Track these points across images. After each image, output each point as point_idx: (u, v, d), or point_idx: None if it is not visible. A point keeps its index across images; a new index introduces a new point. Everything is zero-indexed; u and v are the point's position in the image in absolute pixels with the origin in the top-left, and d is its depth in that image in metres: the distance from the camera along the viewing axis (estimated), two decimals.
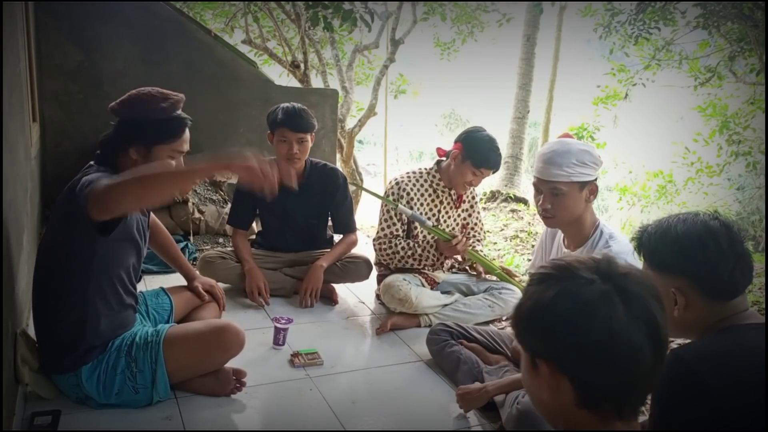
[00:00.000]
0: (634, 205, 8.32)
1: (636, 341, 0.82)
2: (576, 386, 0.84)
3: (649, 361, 0.84)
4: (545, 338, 0.86)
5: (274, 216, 3.09)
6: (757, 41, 4.64)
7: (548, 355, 0.86)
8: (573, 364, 0.84)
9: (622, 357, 0.82)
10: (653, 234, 1.31)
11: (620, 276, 0.86)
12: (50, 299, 1.86)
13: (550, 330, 0.85)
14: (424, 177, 2.93)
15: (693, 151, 7.07)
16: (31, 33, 3.26)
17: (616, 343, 0.81)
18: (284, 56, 6.65)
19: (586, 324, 0.82)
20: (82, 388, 1.88)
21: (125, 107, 1.94)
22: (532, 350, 0.90)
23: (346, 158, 6.29)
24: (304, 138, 2.86)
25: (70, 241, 1.83)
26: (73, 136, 4.16)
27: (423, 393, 2.24)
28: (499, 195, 8.10)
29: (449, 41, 8.60)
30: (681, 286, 1.26)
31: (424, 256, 2.88)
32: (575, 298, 0.84)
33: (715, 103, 6.70)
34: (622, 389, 0.84)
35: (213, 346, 1.99)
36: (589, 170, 1.98)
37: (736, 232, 1.25)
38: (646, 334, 0.83)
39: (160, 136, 1.94)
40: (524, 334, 0.91)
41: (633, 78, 6.62)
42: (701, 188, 7.37)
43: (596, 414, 0.86)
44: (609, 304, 0.82)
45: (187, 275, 2.51)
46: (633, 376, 0.83)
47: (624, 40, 5.90)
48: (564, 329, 0.84)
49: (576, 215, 2.04)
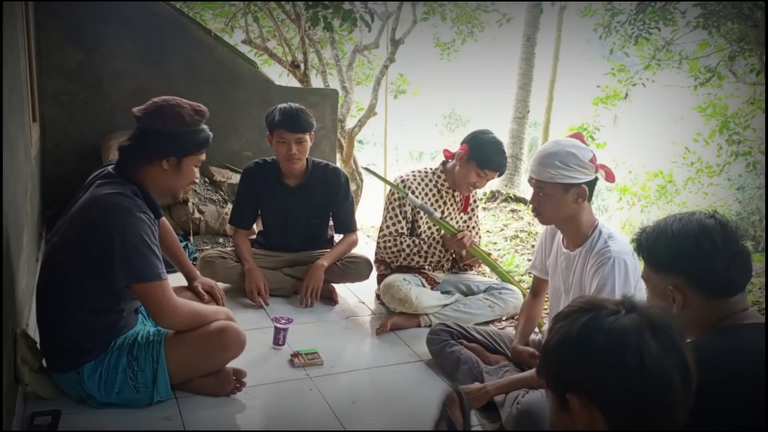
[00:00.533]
0: (634, 205, 8.31)
1: (666, 370, 0.82)
2: (609, 417, 0.83)
3: (680, 391, 0.83)
4: (576, 370, 0.85)
5: (276, 215, 3.09)
6: (757, 41, 4.64)
7: (579, 387, 0.85)
8: (606, 394, 0.82)
9: (654, 385, 0.81)
10: (651, 234, 1.33)
11: (644, 309, 0.86)
12: (55, 300, 1.87)
13: (581, 361, 0.84)
14: (429, 177, 2.93)
15: (693, 151, 7.06)
16: (31, 33, 3.26)
17: (647, 371, 0.81)
18: (284, 56, 6.65)
19: (617, 352, 0.82)
20: (83, 387, 1.88)
21: (154, 118, 1.92)
22: (562, 385, 0.87)
23: (346, 158, 6.29)
24: (303, 138, 2.86)
25: (82, 272, 1.83)
26: (73, 136, 4.16)
27: (423, 393, 2.24)
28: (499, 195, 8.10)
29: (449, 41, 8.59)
30: (678, 284, 1.27)
31: (430, 252, 2.88)
32: (604, 328, 0.84)
33: (715, 103, 6.69)
34: (655, 418, 0.83)
35: (214, 347, 1.99)
36: (573, 173, 1.95)
37: (732, 230, 1.26)
38: (674, 365, 0.83)
39: (192, 148, 1.98)
40: (553, 369, 0.89)
41: (633, 78, 6.62)
42: (701, 188, 7.36)
43: None
44: (638, 334, 0.82)
45: (188, 275, 2.52)
46: (665, 404, 0.82)
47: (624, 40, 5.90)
48: (595, 359, 0.83)
49: (564, 216, 2.04)
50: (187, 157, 1.97)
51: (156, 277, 1.82)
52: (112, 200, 1.81)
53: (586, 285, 2.00)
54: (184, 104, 1.96)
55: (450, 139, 15.42)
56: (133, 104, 2.04)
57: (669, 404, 0.83)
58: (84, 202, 1.86)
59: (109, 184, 1.88)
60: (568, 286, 2.11)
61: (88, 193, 1.88)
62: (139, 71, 4.24)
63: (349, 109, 6.30)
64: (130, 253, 1.77)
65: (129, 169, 1.94)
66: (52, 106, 4.08)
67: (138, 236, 1.79)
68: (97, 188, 1.87)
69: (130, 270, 1.79)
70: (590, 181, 2.00)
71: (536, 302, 2.42)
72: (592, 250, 1.99)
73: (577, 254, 2.05)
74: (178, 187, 2.06)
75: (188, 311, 1.96)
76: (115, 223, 1.77)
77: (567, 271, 2.11)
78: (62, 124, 4.14)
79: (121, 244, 1.76)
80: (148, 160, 1.93)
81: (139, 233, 1.79)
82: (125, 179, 1.91)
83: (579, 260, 2.04)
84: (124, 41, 4.18)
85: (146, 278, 1.81)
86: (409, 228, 2.93)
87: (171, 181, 1.99)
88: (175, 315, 1.91)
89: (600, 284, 1.91)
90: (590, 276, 1.97)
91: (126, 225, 1.78)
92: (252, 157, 4.09)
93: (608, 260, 1.91)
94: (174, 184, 2.02)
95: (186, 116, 1.93)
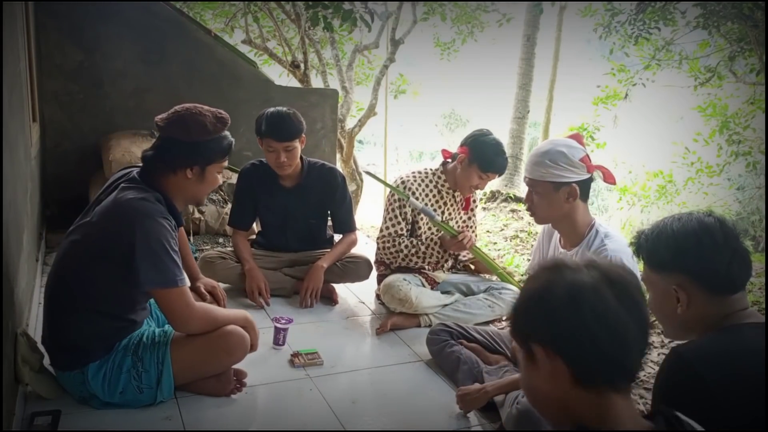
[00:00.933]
0: (634, 205, 8.31)
1: (622, 317, 0.88)
2: (571, 363, 0.88)
3: (636, 336, 0.89)
4: (538, 323, 0.92)
5: (274, 216, 3.09)
6: (757, 41, 4.64)
7: (543, 339, 0.91)
8: (566, 342, 0.89)
9: (611, 331, 0.87)
10: (650, 235, 1.34)
11: (605, 267, 0.93)
12: (67, 298, 1.87)
13: (542, 314, 0.91)
14: (429, 177, 2.93)
15: (693, 151, 7.06)
16: (31, 33, 3.26)
17: (604, 320, 0.87)
18: (284, 56, 6.65)
19: (574, 304, 0.88)
20: (87, 386, 1.88)
21: (177, 127, 1.92)
22: (527, 339, 0.94)
23: (346, 158, 6.29)
24: (291, 146, 2.84)
25: (100, 274, 1.84)
26: (73, 136, 4.16)
27: (423, 393, 2.24)
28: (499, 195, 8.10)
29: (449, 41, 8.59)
30: (681, 283, 1.27)
31: (428, 253, 2.88)
32: (564, 282, 0.90)
33: (715, 103, 6.69)
34: (613, 360, 0.88)
35: (218, 350, 1.99)
36: (561, 172, 1.96)
37: (731, 227, 1.28)
38: (629, 313, 0.88)
39: (216, 156, 1.99)
40: (520, 326, 0.96)
41: (633, 78, 6.61)
42: (701, 188, 7.36)
43: (592, 390, 0.89)
44: (595, 287, 0.89)
45: (191, 275, 2.53)
46: (622, 347, 0.88)
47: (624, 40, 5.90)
48: (555, 312, 0.90)
49: (557, 214, 2.05)
50: (210, 165, 1.98)
51: (174, 284, 1.83)
52: (136, 206, 1.82)
53: None
54: (205, 112, 1.96)
55: (450, 139, 15.41)
56: (133, 104, 2.04)
57: (628, 347, 0.89)
58: (108, 206, 1.86)
59: (133, 189, 1.88)
60: None
61: (113, 196, 1.88)
62: (139, 71, 4.24)
63: (349, 109, 6.30)
64: (151, 260, 1.79)
65: (152, 176, 1.94)
66: (52, 106, 4.08)
67: (159, 243, 1.80)
68: (121, 192, 1.87)
69: (149, 276, 1.80)
70: (582, 180, 2.00)
71: None
72: (589, 249, 2.00)
73: (574, 253, 2.06)
74: (201, 195, 2.07)
75: (206, 318, 1.96)
76: (138, 229, 1.78)
77: None
78: (62, 124, 4.13)
79: (143, 250, 1.77)
80: (172, 169, 1.94)
81: (161, 240, 1.80)
82: (149, 186, 1.91)
83: (576, 259, 2.04)
84: (124, 41, 4.18)
85: (166, 284, 1.83)
86: (410, 229, 2.93)
87: (195, 189, 2.01)
88: (193, 321, 1.92)
89: None
90: None
91: (149, 231, 1.79)
92: (252, 157, 4.09)
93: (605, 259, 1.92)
94: (198, 192, 2.04)
95: (209, 125, 1.93)
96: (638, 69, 6.60)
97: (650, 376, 2.62)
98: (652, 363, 3.25)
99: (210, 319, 1.97)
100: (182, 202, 2.03)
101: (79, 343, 1.88)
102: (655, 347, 3.49)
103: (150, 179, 1.94)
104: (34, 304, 2.60)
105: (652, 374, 2.51)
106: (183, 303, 1.87)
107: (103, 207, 1.87)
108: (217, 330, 1.99)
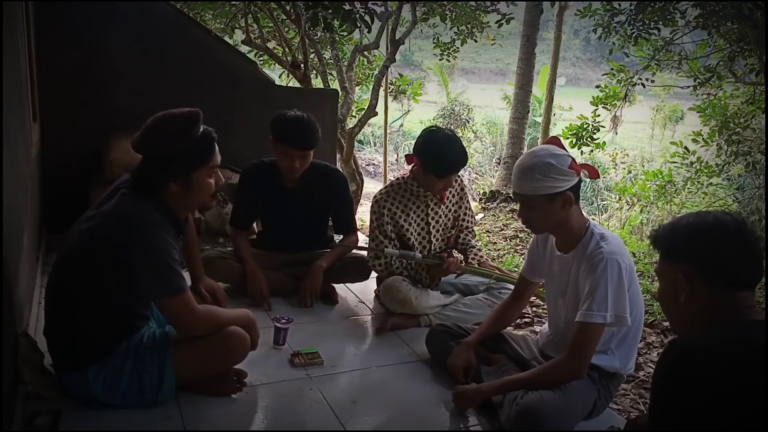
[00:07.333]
0: (634, 205, 8.31)
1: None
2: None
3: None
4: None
5: (275, 216, 3.09)
6: (757, 41, 4.64)
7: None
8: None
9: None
10: (668, 226, 1.39)
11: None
12: (72, 299, 1.87)
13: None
14: (402, 186, 2.87)
15: (693, 151, 7.05)
16: (31, 33, 3.26)
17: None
18: (284, 57, 6.65)
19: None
20: (88, 388, 1.88)
21: (149, 145, 1.86)
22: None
23: (346, 158, 6.28)
24: (307, 154, 2.88)
25: (103, 279, 1.83)
26: (73, 136, 4.15)
27: (423, 393, 2.24)
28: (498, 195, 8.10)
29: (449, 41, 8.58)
30: (687, 271, 1.30)
31: (417, 278, 2.87)
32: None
33: (715, 104, 6.68)
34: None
35: (219, 351, 2.00)
36: (554, 182, 1.95)
37: (749, 228, 1.31)
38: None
39: (196, 161, 1.91)
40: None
41: (633, 78, 6.61)
42: (701, 188, 7.35)
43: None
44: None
45: (194, 275, 2.54)
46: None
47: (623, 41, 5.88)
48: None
49: (554, 223, 2.05)
50: (194, 173, 1.91)
51: (176, 293, 1.83)
52: (135, 215, 1.81)
53: (581, 286, 2.00)
54: (170, 118, 1.87)
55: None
56: (133, 104, 2.03)
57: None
58: (108, 213, 1.84)
59: (134, 197, 1.86)
60: (564, 289, 2.11)
61: (113, 203, 1.85)
62: (139, 71, 4.23)
63: (349, 109, 6.29)
64: (151, 271, 1.79)
65: (147, 193, 1.89)
66: (52, 106, 4.07)
67: (159, 253, 1.79)
68: (122, 199, 1.85)
69: (151, 287, 1.81)
70: (574, 185, 2.00)
71: (514, 305, 2.41)
72: (585, 251, 2.00)
73: (571, 257, 2.06)
74: (196, 204, 2.02)
75: (210, 320, 1.96)
76: (137, 240, 1.77)
77: (562, 274, 2.11)
78: (62, 124, 4.13)
79: (143, 262, 1.77)
80: (158, 185, 1.89)
81: (160, 250, 1.79)
82: (148, 195, 1.88)
83: (573, 262, 2.05)
84: (124, 41, 4.18)
85: (168, 295, 1.83)
86: (397, 245, 2.84)
87: (188, 199, 1.95)
88: (197, 324, 1.92)
89: (593, 285, 1.92)
90: (584, 277, 1.98)
91: (148, 242, 1.78)
92: (252, 157, 4.07)
93: (601, 261, 1.92)
94: (192, 202, 1.98)
95: (175, 133, 1.84)
96: (638, 69, 6.59)
97: (650, 376, 2.63)
98: (652, 363, 3.25)
99: (214, 321, 1.97)
100: (183, 210, 2.00)
101: (82, 343, 1.88)
102: (655, 347, 3.49)
103: (144, 193, 1.89)
104: (34, 304, 2.60)
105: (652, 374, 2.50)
106: (187, 309, 1.88)
107: (103, 214, 1.85)
108: (219, 332, 1.99)
